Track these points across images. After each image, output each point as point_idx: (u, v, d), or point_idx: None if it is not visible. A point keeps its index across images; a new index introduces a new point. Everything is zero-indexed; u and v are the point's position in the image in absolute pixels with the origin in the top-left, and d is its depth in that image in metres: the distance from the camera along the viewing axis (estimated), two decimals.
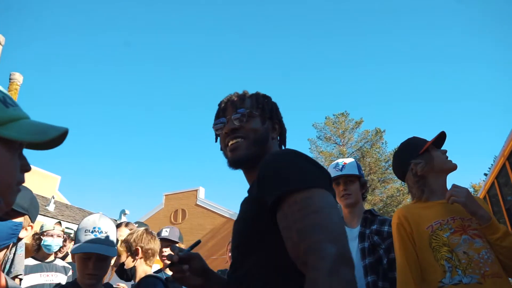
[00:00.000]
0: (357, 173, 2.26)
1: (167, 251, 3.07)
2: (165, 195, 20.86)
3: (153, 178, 43.19)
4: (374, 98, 39.43)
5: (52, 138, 0.73)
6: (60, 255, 3.97)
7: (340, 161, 2.32)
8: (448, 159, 1.85)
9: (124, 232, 2.85)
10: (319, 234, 0.82)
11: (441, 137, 1.90)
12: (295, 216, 0.87)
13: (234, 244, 1.09)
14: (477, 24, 38.24)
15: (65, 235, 4.01)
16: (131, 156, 42.58)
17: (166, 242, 3.10)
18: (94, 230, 1.78)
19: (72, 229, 11.22)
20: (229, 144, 1.19)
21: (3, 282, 1.23)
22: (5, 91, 0.76)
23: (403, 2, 37.77)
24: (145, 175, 43.94)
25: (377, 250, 2.01)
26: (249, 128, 1.18)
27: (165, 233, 3.20)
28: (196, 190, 20.17)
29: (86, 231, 1.79)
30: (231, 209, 18.88)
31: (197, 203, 19.67)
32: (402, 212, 1.81)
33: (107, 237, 1.80)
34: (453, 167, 1.84)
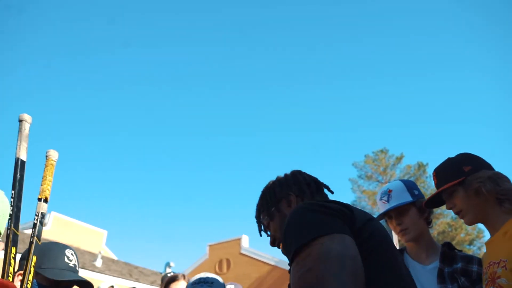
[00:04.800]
0: (408, 199, 1.89)
1: None
2: (209, 246, 20.79)
3: (196, 226, 43.41)
4: (412, 131, 38.55)
5: None
6: None
7: (385, 188, 1.99)
8: None
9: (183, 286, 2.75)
10: (308, 281, 0.84)
11: None
12: (293, 279, 0.90)
13: None
14: None
15: None
16: (171, 203, 43.00)
17: None
18: None
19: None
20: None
21: None
22: None
23: (446, 38, 37.56)
24: (188, 223, 44.20)
25: None
26: (275, 233, 1.34)
27: None
28: (240, 239, 19.99)
29: None
30: (277, 256, 18.50)
31: (241, 252, 19.43)
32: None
33: None
34: None
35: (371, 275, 0.90)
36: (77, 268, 1.74)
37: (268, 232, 1.38)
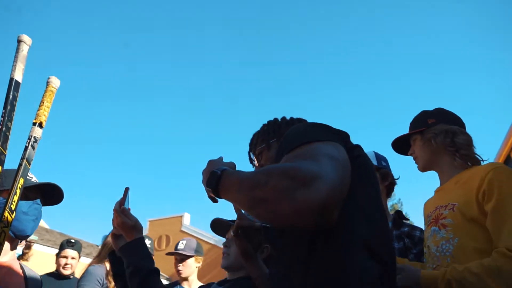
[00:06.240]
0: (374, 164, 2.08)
1: (180, 266, 3.01)
2: (149, 221, 20.53)
3: (137, 201, 42.40)
4: (396, 128, 39.77)
5: None
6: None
7: None
8: None
9: None
10: (299, 159, 0.84)
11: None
12: (281, 162, 0.89)
13: None
14: None
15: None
16: (113, 176, 41.80)
17: (180, 256, 3.03)
18: None
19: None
20: None
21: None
22: None
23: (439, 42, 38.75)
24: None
25: (407, 255, 1.95)
26: (265, 163, 1.35)
27: (181, 245, 3.13)
28: (181, 216, 19.93)
29: None
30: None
31: (182, 229, 19.38)
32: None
33: None
34: None
35: (354, 187, 0.89)
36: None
37: (255, 162, 1.39)
